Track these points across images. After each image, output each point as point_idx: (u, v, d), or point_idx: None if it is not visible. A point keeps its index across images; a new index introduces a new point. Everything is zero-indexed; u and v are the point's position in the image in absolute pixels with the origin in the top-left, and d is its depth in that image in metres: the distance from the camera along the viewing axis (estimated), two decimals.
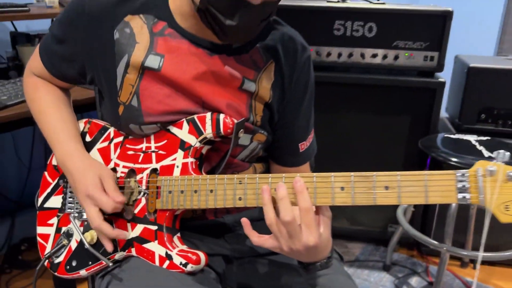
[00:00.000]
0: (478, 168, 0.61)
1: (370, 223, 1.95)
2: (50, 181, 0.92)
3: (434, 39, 1.67)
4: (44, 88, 0.92)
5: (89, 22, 0.80)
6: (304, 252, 0.67)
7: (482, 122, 1.73)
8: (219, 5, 0.68)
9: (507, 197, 0.60)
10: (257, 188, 0.72)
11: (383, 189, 0.65)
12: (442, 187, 0.62)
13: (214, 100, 0.80)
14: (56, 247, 0.87)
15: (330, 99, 1.79)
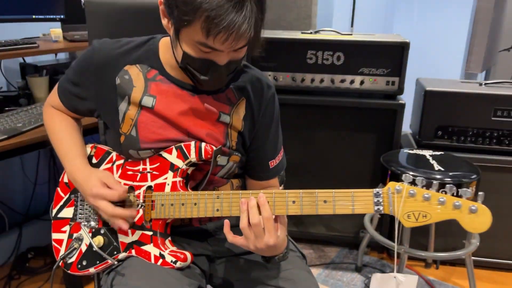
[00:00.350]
0: (389, 187, 0.82)
1: (344, 229, 2.16)
2: (63, 195, 1.12)
3: (394, 66, 1.89)
4: (59, 118, 1.12)
5: (96, 70, 1.01)
6: (266, 249, 0.88)
7: (439, 138, 1.96)
8: (195, 66, 0.89)
9: (408, 209, 0.81)
10: (231, 202, 0.93)
11: (323, 203, 0.86)
12: (364, 201, 0.83)
13: (197, 131, 1.01)
14: (69, 250, 1.07)
15: (306, 119, 2.01)
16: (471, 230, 0.79)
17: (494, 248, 2.02)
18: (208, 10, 0.78)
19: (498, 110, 1.89)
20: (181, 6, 0.81)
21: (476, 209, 0.78)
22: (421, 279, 2.01)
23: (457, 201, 0.79)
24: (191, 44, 0.86)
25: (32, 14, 1.74)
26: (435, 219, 0.80)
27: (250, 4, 0.81)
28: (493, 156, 1.91)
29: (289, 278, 1.03)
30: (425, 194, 0.80)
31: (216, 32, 0.79)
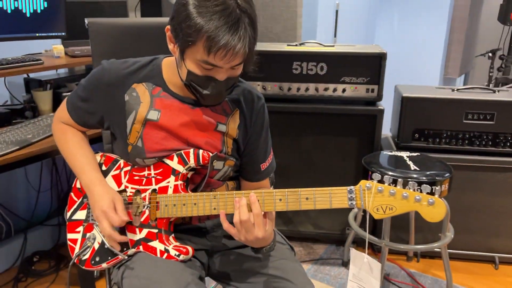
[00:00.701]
0: (360, 185, 0.97)
1: (331, 227, 2.31)
2: (76, 199, 1.25)
3: (373, 75, 2.05)
4: (70, 132, 1.25)
5: (107, 88, 1.14)
6: (255, 241, 1.02)
7: (416, 141, 2.12)
8: (198, 82, 1.03)
9: (377, 203, 0.96)
10: (226, 201, 1.07)
11: (305, 200, 1.01)
12: (339, 197, 0.98)
13: (196, 140, 1.15)
14: (83, 248, 1.19)
15: (293, 126, 2.16)
16: (429, 219, 0.94)
17: (469, 241, 2.18)
18: (208, 31, 0.93)
19: (469, 114, 2.06)
20: (186, 30, 0.95)
21: (433, 202, 0.93)
22: (403, 271, 2.16)
23: (417, 195, 0.94)
24: (194, 62, 1.00)
25: (36, 32, 1.87)
26: (400, 211, 0.95)
27: (244, 26, 0.95)
28: (466, 156, 2.07)
29: (279, 267, 1.17)
30: (391, 190, 0.95)
31: (215, 49, 0.94)
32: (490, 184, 2.09)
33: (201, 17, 0.93)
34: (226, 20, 0.93)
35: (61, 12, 1.91)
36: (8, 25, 1.76)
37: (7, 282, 2.01)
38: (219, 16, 0.93)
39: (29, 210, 2.23)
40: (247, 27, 0.96)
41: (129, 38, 1.54)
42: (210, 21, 0.93)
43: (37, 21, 1.85)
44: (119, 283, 1.15)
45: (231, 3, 0.94)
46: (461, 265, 2.21)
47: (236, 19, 0.94)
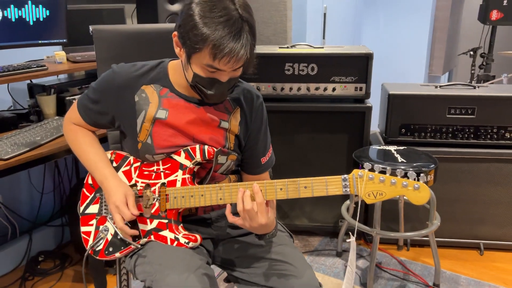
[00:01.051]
0: (353, 173, 1.08)
1: (324, 220, 2.42)
2: (88, 194, 1.33)
3: (361, 74, 2.17)
4: (81, 132, 1.34)
5: (118, 90, 1.23)
6: (259, 227, 1.12)
7: (403, 135, 2.24)
8: (202, 83, 1.13)
9: (368, 189, 1.07)
10: (231, 192, 1.17)
11: (304, 188, 1.11)
12: (335, 185, 1.08)
13: (201, 136, 1.24)
14: (97, 240, 1.28)
15: (286, 124, 2.27)
16: (416, 202, 1.05)
17: (455, 229, 2.30)
18: (214, 40, 1.03)
19: (451, 109, 2.18)
20: (193, 38, 1.05)
21: (418, 187, 1.04)
22: (394, 259, 2.28)
23: (404, 181, 1.05)
24: (200, 66, 1.09)
25: (39, 40, 1.94)
26: (389, 196, 1.06)
27: (245, 34, 1.05)
28: (449, 149, 2.20)
29: (280, 252, 1.27)
30: (381, 177, 1.06)
31: (220, 56, 1.04)
32: (473, 175, 2.21)
33: (207, 27, 1.03)
34: (230, 30, 1.03)
35: (62, 19, 2.00)
36: (13, 33, 1.84)
37: (15, 281, 2.08)
38: (223, 26, 1.03)
39: (33, 211, 2.30)
40: (248, 35, 1.07)
41: (131, 43, 1.63)
42: (215, 31, 1.03)
43: (39, 29, 1.93)
44: (132, 270, 1.24)
45: (234, 14, 1.04)
46: (449, 252, 2.33)
47: (239, 28, 1.04)
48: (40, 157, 1.56)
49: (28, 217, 2.27)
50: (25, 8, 1.85)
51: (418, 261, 2.26)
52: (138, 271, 1.21)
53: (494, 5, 3.26)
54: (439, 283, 2.06)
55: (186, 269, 1.10)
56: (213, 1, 1.06)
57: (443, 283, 2.09)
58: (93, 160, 1.28)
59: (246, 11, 1.07)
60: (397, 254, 2.33)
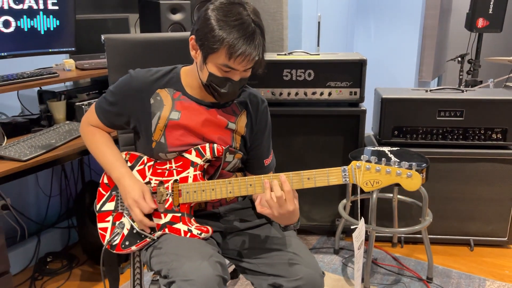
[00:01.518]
0: (352, 165, 1.19)
1: (322, 219, 2.52)
2: (104, 193, 1.42)
3: (355, 79, 2.28)
4: (99, 134, 1.43)
5: (135, 93, 1.33)
6: (287, 214, 1.19)
7: (396, 137, 2.35)
8: (217, 82, 1.23)
9: (366, 178, 1.17)
10: (239, 185, 1.27)
11: (307, 179, 1.21)
12: (335, 176, 1.19)
13: (211, 136, 1.34)
14: (113, 235, 1.37)
15: (285, 127, 2.37)
16: (409, 189, 1.15)
17: (446, 226, 2.42)
18: (230, 41, 1.14)
19: (441, 111, 2.31)
20: (211, 39, 1.16)
21: (411, 174, 1.15)
22: (389, 256, 2.38)
23: (398, 170, 1.16)
24: (215, 66, 1.20)
25: (49, 48, 2.04)
26: (384, 184, 1.17)
27: (258, 37, 1.17)
28: (440, 149, 2.32)
29: (285, 243, 1.36)
30: (377, 167, 1.17)
31: (236, 56, 1.15)
32: (462, 174, 2.33)
33: (223, 30, 1.15)
34: (243, 32, 1.15)
35: (71, 29, 2.09)
36: (25, 42, 1.93)
37: (25, 281, 2.15)
38: (237, 29, 1.14)
39: (41, 214, 2.38)
40: (260, 37, 1.18)
41: (141, 51, 1.74)
42: (230, 33, 1.14)
43: (50, 38, 2.02)
44: (148, 262, 1.33)
45: (246, 18, 1.16)
46: (440, 248, 2.44)
47: (252, 31, 1.16)
48: (56, 158, 1.65)
49: (36, 219, 2.34)
50: (36, 18, 1.95)
51: (412, 257, 2.37)
52: (153, 262, 1.30)
53: (480, 13, 3.42)
54: (432, 276, 2.17)
55: (200, 257, 1.19)
56: (228, 7, 1.18)
57: (436, 277, 2.19)
58: (110, 160, 1.38)
59: (257, 17, 1.19)
60: (392, 251, 2.44)
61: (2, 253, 1.58)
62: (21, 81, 1.85)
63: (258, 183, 1.25)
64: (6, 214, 2.18)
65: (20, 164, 1.53)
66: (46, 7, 1.96)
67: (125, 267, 2.23)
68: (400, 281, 2.17)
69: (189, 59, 1.32)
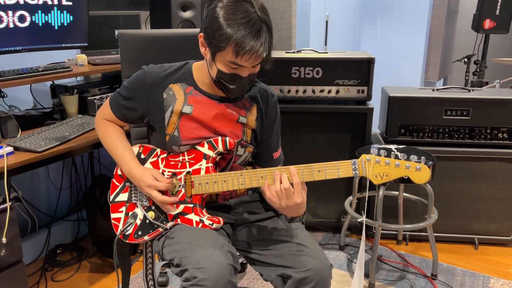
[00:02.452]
0: (361, 158, 1.21)
1: (327, 215, 2.55)
2: (118, 184, 1.46)
3: (363, 77, 2.31)
4: (111, 127, 1.46)
5: (149, 88, 1.36)
6: (294, 206, 1.22)
7: (402, 135, 2.38)
8: (225, 78, 1.27)
9: (376, 171, 1.20)
10: (251, 177, 1.30)
11: (317, 172, 1.24)
12: (345, 169, 1.21)
13: (222, 129, 1.37)
14: (126, 225, 1.40)
15: (293, 124, 2.40)
16: (418, 182, 1.18)
17: (451, 224, 2.44)
18: (237, 39, 1.17)
19: (448, 110, 2.33)
20: (218, 37, 1.19)
21: (420, 168, 1.18)
22: (394, 253, 2.40)
23: (407, 163, 1.18)
24: (223, 63, 1.23)
25: (62, 43, 2.08)
26: (394, 176, 1.19)
27: (264, 34, 1.20)
28: (446, 148, 2.34)
29: (294, 235, 1.39)
30: (386, 160, 1.20)
31: (242, 53, 1.18)
32: (468, 173, 2.35)
33: (230, 28, 1.17)
34: (250, 30, 1.17)
35: (84, 24, 2.13)
36: (39, 37, 1.97)
37: (35, 272, 2.18)
38: (244, 27, 1.17)
39: (52, 206, 2.42)
40: (267, 34, 1.21)
41: (153, 47, 1.77)
42: (238, 31, 1.17)
43: (63, 33, 2.06)
44: (160, 252, 1.36)
45: (253, 15, 1.18)
46: (445, 247, 2.46)
47: (258, 28, 1.18)
48: (71, 150, 1.68)
49: (46, 212, 2.38)
50: (51, 14, 1.98)
51: (417, 255, 2.39)
52: (166, 251, 1.33)
53: (487, 14, 3.44)
54: (437, 273, 2.19)
55: (213, 246, 1.22)
56: (235, 5, 1.20)
57: (440, 274, 2.22)
58: (120, 153, 1.41)
59: (264, 13, 1.22)
60: (397, 248, 2.46)
61: (16, 242, 1.62)
62: (34, 75, 1.88)
63: (270, 176, 1.27)
64: (18, 206, 2.23)
65: (35, 155, 1.57)
66: (60, 3, 2.00)
67: (134, 260, 2.26)
68: (405, 277, 2.20)
69: (200, 55, 1.35)
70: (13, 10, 1.83)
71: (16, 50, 1.90)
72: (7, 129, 1.75)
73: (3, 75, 1.82)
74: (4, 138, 1.75)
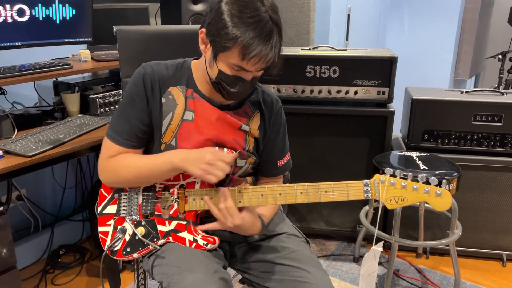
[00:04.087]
0: (374, 178, 1.06)
1: (342, 224, 2.40)
2: (106, 195, 1.34)
3: (384, 78, 2.13)
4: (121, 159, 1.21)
5: (147, 92, 1.20)
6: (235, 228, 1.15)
7: (426, 141, 2.20)
8: (227, 81, 1.13)
9: (390, 195, 1.05)
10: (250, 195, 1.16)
11: (324, 192, 1.10)
12: (356, 190, 1.07)
13: (224, 137, 1.24)
14: (114, 240, 1.29)
15: (306, 127, 2.25)
16: (438, 208, 1.03)
17: (477, 239, 2.25)
18: (244, 41, 1.03)
19: (477, 115, 2.13)
20: (223, 36, 1.05)
21: (440, 193, 1.02)
22: (412, 267, 2.24)
23: (426, 187, 1.03)
24: (226, 64, 1.10)
25: (65, 38, 1.98)
26: (410, 201, 1.04)
27: (275, 37, 1.05)
28: (474, 156, 2.15)
29: (295, 258, 1.25)
30: (402, 183, 1.04)
31: (249, 57, 1.04)
32: (497, 184, 2.16)
33: (237, 28, 1.03)
34: (260, 32, 1.03)
35: (88, 18, 2.03)
36: (40, 32, 1.88)
37: (36, 274, 2.13)
38: (254, 28, 1.03)
39: (56, 206, 2.35)
40: (277, 37, 1.07)
41: (153, 44, 1.65)
42: (246, 32, 1.03)
43: (66, 28, 1.96)
44: (149, 271, 1.25)
45: (264, 15, 1.04)
46: (469, 262, 2.28)
47: (269, 30, 1.04)
48: (63, 154, 1.59)
49: (50, 211, 2.32)
50: (52, 7, 1.89)
51: (437, 270, 2.22)
52: (155, 272, 1.22)
53: None
54: None
55: (204, 273, 1.10)
56: (244, 1, 1.06)
57: None
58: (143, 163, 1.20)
59: (275, 13, 1.07)
60: (416, 261, 2.29)
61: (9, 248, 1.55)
62: (34, 72, 1.80)
63: (271, 193, 1.15)
64: (21, 205, 2.17)
65: (25, 160, 1.48)
66: None
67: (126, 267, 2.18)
68: None
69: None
70: (11, 4, 1.75)
71: (15, 45, 1.82)
72: (1, 130, 1.67)
73: (2, 72, 1.74)
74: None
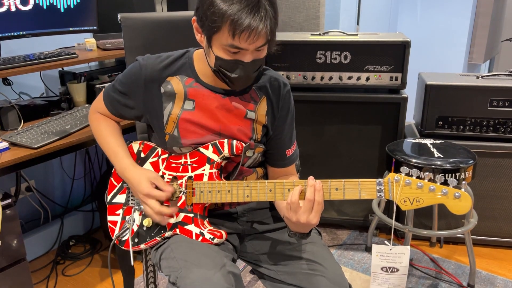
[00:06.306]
0: (388, 178, 1.01)
1: (354, 213, 2.36)
2: (116, 184, 1.32)
3: (397, 63, 2.06)
4: (104, 122, 1.31)
5: (145, 83, 1.20)
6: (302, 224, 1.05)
7: (440, 128, 2.13)
8: (226, 66, 1.08)
9: (405, 195, 1.00)
10: (258, 189, 1.13)
11: (335, 190, 1.05)
12: (368, 189, 1.02)
13: (229, 127, 1.20)
14: (122, 230, 1.27)
15: (317, 114, 2.20)
16: (455, 212, 0.97)
17: (493, 227, 2.20)
18: (232, 15, 0.98)
19: (494, 101, 2.06)
20: (211, 17, 1.01)
21: (459, 195, 0.97)
22: (426, 256, 2.20)
23: (444, 188, 0.97)
24: (221, 48, 1.05)
25: (70, 27, 1.95)
26: (426, 203, 0.99)
27: (264, 7, 1.00)
28: (490, 143, 2.08)
29: (308, 250, 1.22)
30: (419, 183, 0.99)
31: (239, 32, 0.99)
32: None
33: (223, 3, 0.99)
34: (247, 3, 0.98)
35: (92, 6, 1.99)
36: (44, 21, 1.84)
37: (47, 264, 2.13)
38: (239, 0, 0.98)
39: (65, 197, 2.35)
40: (267, 7, 1.01)
41: (160, 31, 1.60)
42: (232, 5, 0.98)
43: (70, 16, 1.93)
44: (157, 264, 1.23)
45: None
46: (485, 251, 2.23)
47: (256, 1, 0.99)
48: (69, 145, 1.56)
49: (60, 202, 2.32)
50: None
51: (452, 259, 2.17)
52: (163, 265, 1.19)
53: None
54: (474, 283, 1.97)
55: (212, 267, 1.08)
56: None
57: (478, 284, 2.00)
58: (113, 151, 1.27)
59: None
60: (430, 251, 2.25)
61: (19, 240, 1.54)
62: (39, 62, 1.76)
63: (279, 189, 1.11)
64: (30, 196, 2.17)
65: (31, 152, 1.46)
66: None
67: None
68: (438, 286, 1.99)
69: None
70: None
71: (19, 35, 1.79)
72: (8, 121, 1.65)
73: (8, 62, 1.71)
74: (5, 131, 1.65)
